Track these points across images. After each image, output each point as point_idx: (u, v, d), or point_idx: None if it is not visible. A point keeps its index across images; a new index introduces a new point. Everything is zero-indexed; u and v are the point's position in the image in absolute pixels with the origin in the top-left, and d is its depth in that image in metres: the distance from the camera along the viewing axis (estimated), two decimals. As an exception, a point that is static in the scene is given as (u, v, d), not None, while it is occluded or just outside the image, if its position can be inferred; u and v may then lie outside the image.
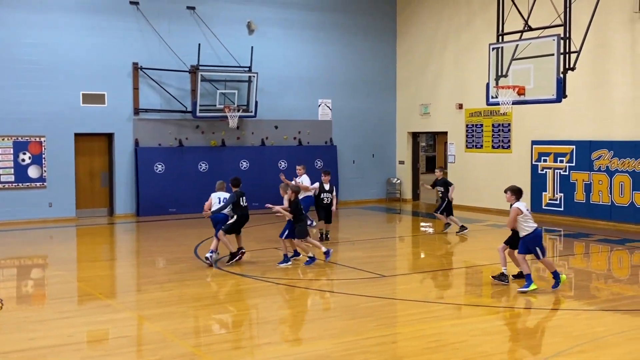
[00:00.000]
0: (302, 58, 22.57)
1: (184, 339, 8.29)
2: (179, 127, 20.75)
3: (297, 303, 10.25)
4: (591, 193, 17.90)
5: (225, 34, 21.02)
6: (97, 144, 20.14)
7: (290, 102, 22.36)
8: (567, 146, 18.45)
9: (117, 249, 16.17)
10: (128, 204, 20.16)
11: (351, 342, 8.10)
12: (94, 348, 8.27)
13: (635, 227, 16.89)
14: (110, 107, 19.74)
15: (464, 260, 13.84)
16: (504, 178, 20.39)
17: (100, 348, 8.24)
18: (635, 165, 16.87)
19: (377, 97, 23.97)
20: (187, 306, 9.87)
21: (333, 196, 15.22)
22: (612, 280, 11.74)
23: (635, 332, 8.46)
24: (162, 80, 20.33)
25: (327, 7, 22.94)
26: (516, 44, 15.70)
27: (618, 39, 17.33)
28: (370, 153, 23.97)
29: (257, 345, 8.22)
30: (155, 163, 20.24)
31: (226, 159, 21.16)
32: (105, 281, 12.06)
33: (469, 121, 21.59)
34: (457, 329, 8.73)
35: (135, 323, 9.28)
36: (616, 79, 17.45)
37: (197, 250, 14.19)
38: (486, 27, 19.97)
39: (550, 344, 8.02)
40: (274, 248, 14.52)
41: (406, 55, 23.94)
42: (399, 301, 10.31)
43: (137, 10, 19.97)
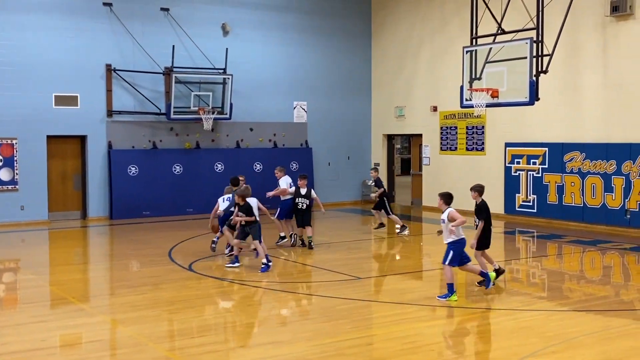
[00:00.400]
0: (277, 60, 22.55)
1: (158, 343, 8.23)
2: (153, 129, 20.62)
3: (273, 306, 10.22)
4: (563, 195, 18.09)
5: (199, 35, 20.93)
6: (70, 146, 19.95)
7: (266, 104, 22.33)
8: (540, 148, 18.63)
9: (91, 252, 16.02)
10: (101, 207, 19.98)
11: (327, 345, 8.10)
12: (67, 352, 8.18)
13: (606, 228, 17.09)
14: (83, 109, 19.56)
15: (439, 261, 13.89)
16: (478, 180, 20.44)
17: (73, 352, 8.15)
18: (606, 167, 17.07)
19: (353, 99, 24.02)
20: (161, 310, 9.80)
21: (315, 198, 14.93)
22: (585, 281, 11.87)
23: (607, 332, 8.55)
24: (135, 82, 20.19)
25: (302, 9, 22.95)
26: (490, 47, 15.83)
27: (590, 43, 17.54)
28: (346, 155, 24.01)
29: (232, 348, 8.18)
30: (129, 165, 20.09)
31: (201, 161, 21.07)
32: (78, 285, 11.94)
33: (444, 123, 21.72)
34: (433, 331, 8.76)
35: (108, 327, 9.19)
36: (588, 82, 17.65)
37: (171, 253, 14.11)
38: (460, 30, 20.11)
39: (524, 344, 8.08)
40: (249, 250, 14.47)
41: (381, 58, 24.03)
42: (375, 303, 10.32)
43: (110, 11, 19.82)
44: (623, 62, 16.86)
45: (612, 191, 16.97)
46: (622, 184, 16.76)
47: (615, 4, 16.67)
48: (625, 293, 10.91)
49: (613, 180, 16.94)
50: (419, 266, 13.68)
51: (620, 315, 9.37)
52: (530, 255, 14.86)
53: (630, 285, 11.47)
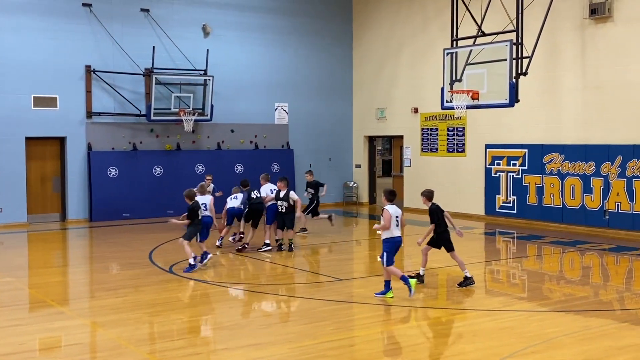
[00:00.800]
0: (258, 61, 22.51)
1: (139, 346, 8.18)
2: (133, 130, 20.50)
3: (254, 308, 10.19)
4: (543, 196, 18.21)
5: (180, 36, 20.85)
6: (49, 148, 19.78)
7: (247, 105, 22.28)
8: (520, 150, 18.75)
9: (70, 254, 15.90)
10: (81, 209, 19.83)
11: (308, 347, 8.09)
12: (47, 356, 8.11)
13: (586, 229, 17.23)
14: (62, 111, 19.41)
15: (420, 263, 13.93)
16: (458, 181, 20.69)
17: (52, 356, 8.09)
18: (585, 169, 17.22)
19: (334, 100, 24.04)
20: (141, 312, 9.75)
21: (296, 201, 14.72)
22: (564, 282, 11.95)
23: (586, 332, 8.62)
24: (115, 83, 20.07)
25: (284, 11, 22.93)
26: (470, 49, 15.92)
27: (569, 45, 17.68)
28: (327, 157, 24.02)
29: (213, 351, 8.15)
30: (109, 167, 19.96)
31: (181, 163, 20.98)
32: (57, 288, 11.85)
33: (425, 125, 21.79)
34: (414, 332, 8.79)
35: (88, 330, 9.12)
36: (567, 84, 17.80)
37: (151, 256, 14.03)
38: (441, 32, 20.18)
39: (505, 345, 8.12)
40: (230, 253, 14.44)
41: (362, 59, 24.07)
42: (356, 304, 10.32)
43: (90, 12, 19.68)
44: (601, 64, 17.02)
45: (591, 192, 17.12)
46: (600, 185, 16.91)
47: (594, 6, 16.83)
48: (604, 293, 11.00)
49: (592, 182, 17.08)
50: (400, 267, 13.69)
51: (599, 315, 9.44)
52: (510, 256, 14.95)
53: (609, 286, 11.57)
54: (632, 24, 16.37)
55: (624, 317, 9.49)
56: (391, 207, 10.21)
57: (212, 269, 13.00)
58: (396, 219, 10.19)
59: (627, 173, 16.37)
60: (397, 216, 10.23)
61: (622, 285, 11.59)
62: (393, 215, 10.14)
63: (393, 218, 10.13)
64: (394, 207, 10.26)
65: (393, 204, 10.30)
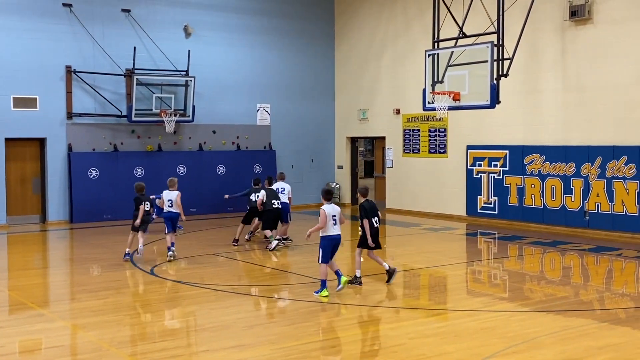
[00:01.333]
0: (240, 62, 22.47)
1: (120, 348, 8.13)
2: (114, 131, 20.39)
3: (236, 309, 10.16)
4: (524, 197, 18.32)
5: (161, 37, 20.78)
6: (29, 149, 19.63)
7: (229, 106, 22.23)
8: (501, 151, 18.86)
9: (50, 256, 15.77)
10: (61, 211, 19.69)
11: (291, 348, 8.08)
12: (27, 359, 8.04)
13: (566, 229, 17.36)
14: (43, 112, 19.26)
15: (402, 264, 13.97)
16: (440, 182, 20.77)
17: (33, 359, 8.02)
18: (565, 170, 17.35)
19: (316, 102, 24.05)
20: (123, 314, 9.69)
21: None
22: (545, 282, 12.03)
23: (567, 332, 8.68)
24: (96, 84, 19.95)
25: (265, 12, 22.91)
26: (451, 50, 15.98)
27: (549, 47, 17.81)
28: (309, 158, 24.02)
29: (195, 352, 8.12)
30: (90, 168, 19.84)
31: (163, 164, 20.88)
32: (37, 290, 11.75)
33: (406, 126, 21.85)
34: (396, 332, 8.80)
35: (69, 332, 9.06)
36: (547, 85, 17.92)
37: (132, 257, 13.95)
38: (422, 34, 20.26)
39: (486, 345, 8.16)
40: (212, 254, 14.40)
41: (344, 60, 24.10)
42: (338, 306, 10.33)
43: (70, 12, 19.55)
44: (581, 66, 17.16)
45: (571, 193, 17.25)
46: (581, 186, 17.05)
47: (574, 8, 16.96)
48: (585, 293, 11.09)
49: (572, 182, 17.22)
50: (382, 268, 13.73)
51: (579, 315, 9.52)
52: (491, 257, 15.02)
53: (589, 286, 11.66)
54: (611, 26, 16.52)
55: (604, 317, 9.57)
56: (327, 207, 10.45)
57: (194, 270, 12.96)
58: (333, 217, 10.40)
59: (606, 174, 16.52)
60: (334, 215, 10.44)
61: (602, 286, 11.69)
62: (329, 215, 10.34)
63: (329, 217, 10.33)
64: (330, 206, 10.51)
65: (330, 203, 10.56)
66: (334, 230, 10.41)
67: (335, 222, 10.42)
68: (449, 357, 7.76)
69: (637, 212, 15.81)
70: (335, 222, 10.44)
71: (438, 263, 13.61)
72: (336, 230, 10.44)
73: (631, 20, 16.17)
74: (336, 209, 10.51)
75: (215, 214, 20.99)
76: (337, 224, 10.46)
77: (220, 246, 15.45)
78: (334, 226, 10.40)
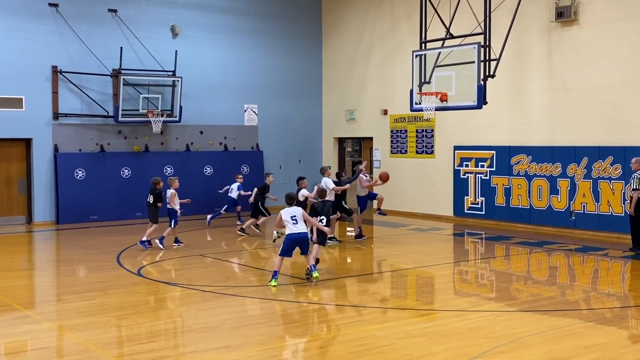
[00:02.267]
0: (227, 63, 22.43)
1: (107, 350, 8.10)
2: (101, 132, 20.30)
3: (223, 310, 10.14)
4: (511, 197, 18.40)
5: (148, 37, 20.70)
6: (15, 149, 19.50)
7: (216, 107, 22.19)
8: (488, 151, 18.92)
9: (36, 257, 15.68)
10: (47, 212, 19.58)
11: (278, 348, 8.08)
12: (12, 361, 7.99)
13: (552, 229, 17.44)
14: (28, 112, 19.15)
15: (389, 264, 14.00)
16: (428, 183, 20.82)
17: (18, 361, 7.97)
18: (552, 170, 17.43)
19: (303, 102, 24.05)
20: (109, 316, 9.65)
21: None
22: (532, 282, 12.08)
23: (553, 331, 8.72)
24: (82, 84, 19.85)
25: (253, 12, 22.89)
26: (439, 51, 16.02)
27: (536, 48, 17.89)
28: (297, 158, 24.01)
29: (183, 354, 8.10)
30: (76, 169, 19.74)
31: (150, 164, 20.81)
32: (23, 291, 11.67)
33: (394, 127, 21.89)
34: (383, 333, 8.81)
35: (55, 334, 9.01)
36: (534, 86, 18.00)
37: (119, 258, 13.90)
38: (410, 34, 20.31)
39: (473, 345, 8.19)
40: (199, 255, 14.37)
41: (332, 61, 24.11)
42: (326, 306, 10.34)
43: (56, 12, 19.45)
44: (567, 66, 17.25)
45: (557, 193, 17.34)
46: (567, 186, 17.14)
47: (560, 10, 17.04)
48: (571, 293, 11.14)
49: (558, 183, 17.30)
50: (370, 269, 13.76)
51: (566, 315, 9.56)
52: (478, 257, 15.07)
53: (575, 286, 11.72)
54: (597, 27, 16.62)
55: (590, 317, 9.62)
56: (284, 211, 11.46)
57: (182, 271, 12.93)
58: (292, 218, 11.35)
59: (592, 174, 16.61)
60: (293, 216, 11.38)
61: (588, 285, 11.75)
62: (285, 217, 11.36)
63: (286, 220, 11.35)
64: (290, 208, 11.53)
65: (293, 206, 11.62)
66: (296, 229, 11.30)
67: (296, 221, 11.33)
68: (436, 357, 7.78)
69: (622, 212, 15.91)
70: (297, 222, 11.34)
71: (425, 263, 13.64)
72: (298, 229, 11.32)
73: (617, 21, 16.28)
74: (296, 211, 11.47)
75: (202, 214, 20.93)
76: (298, 223, 11.34)
77: (208, 247, 15.41)
78: (294, 225, 11.31)
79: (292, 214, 11.39)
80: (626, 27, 16.13)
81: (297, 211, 11.48)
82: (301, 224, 11.38)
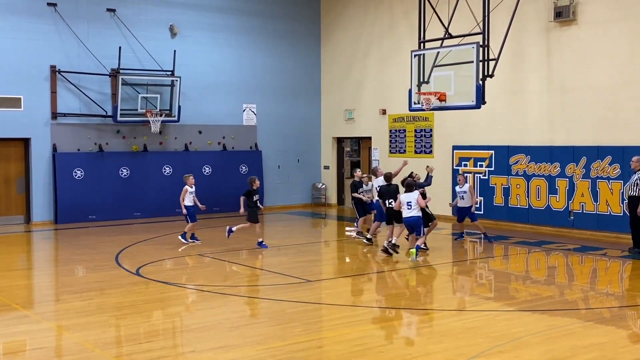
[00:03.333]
0: (226, 62, 22.43)
1: (105, 349, 8.09)
2: (99, 131, 20.29)
3: (222, 310, 10.14)
4: (509, 197, 18.40)
5: (146, 37, 20.69)
6: (13, 149, 19.49)
7: (215, 106, 22.18)
8: (486, 151, 18.93)
9: (35, 257, 15.67)
10: (46, 211, 19.57)
11: (276, 348, 8.07)
12: (10, 361, 7.98)
13: (551, 229, 17.45)
14: (27, 111, 19.14)
15: (387, 263, 14.00)
16: (426, 182, 20.76)
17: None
18: (550, 170, 17.44)
19: (302, 102, 24.04)
20: (108, 315, 9.64)
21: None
22: (530, 282, 12.08)
23: (552, 331, 8.72)
24: (81, 83, 19.84)
25: (251, 12, 22.88)
26: (437, 51, 16.03)
27: (534, 47, 17.89)
28: (296, 158, 24.01)
29: (181, 353, 8.09)
30: (74, 169, 19.73)
31: (148, 164, 20.81)
32: (22, 291, 11.67)
33: (393, 126, 21.89)
34: (382, 332, 8.81)
35: (54, 334, 9.00)
36: (532, 86, 18.01)
37: (118, 258, 13.90)
38: (408, 34, 20.30)
39: (472, 345, 8.19)
40: (197, 255, 14.36)
41: (330, 61, 24.11)
42: (325, 306, 10.34)
43: (55, 12, 19.43)
44: (566, 66, 17.25)
45: (556, 193, 17.34)
46: (565, 186, 17.14)
47: (559, 10, 17.05)
48: (570, 293, 11.15)
49: (557, 183, 17.31)
50: (368, 268, 13.76)
51: (564, 314, 9.56)
52: (477, 257, 15.07)
53: (574, 285, 11.73)
54: (595, 27, 16.63)
55: (589, 316, 9.62)
56: (403, 196, 13.46)
57: (180, 271, 12.93)
58: (408, 203, 13.27)
59: (591, 174, 16.62)
60: (409, 201, 13.27)
61: (586, 285, 11.76)
62: (402, 202, 13.26)
63: (403, 204, 13.30)
64: (405, 195, 13.45)
65: (411, 192, 13.42)
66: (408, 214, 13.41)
67: (410, 207, 13.33)
68: (435, 357, 7.78)
69: (621, 212, 15.92)
70: (411, 207, 13.32)
71: (424, 263, 13.64)
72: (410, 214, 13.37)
73: (615, 21, 16.28)
74: (413, 196, 13.28)
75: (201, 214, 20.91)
76: (412, 208, 13.31)
77: (206, 247, 15.41)
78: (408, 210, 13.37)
79: (408, 199, 13.24)
80: (625, 27, 16.13)
81: (412, 197, 13.23)
82: (415, 209, 13.14)
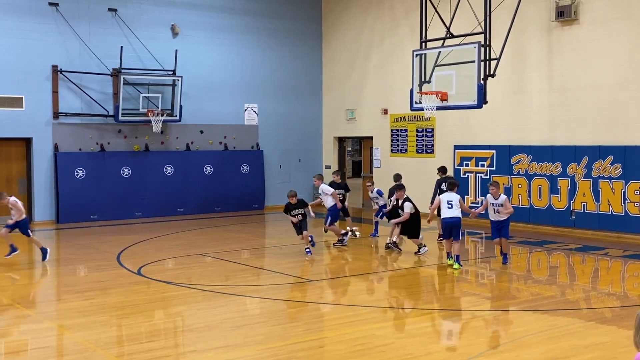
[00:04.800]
0: (227, 62, 22.43)
1: (107, 349, 8.10)
2: (101, 131, 20.30)
3: (223, 310, 10.15)
4: (511, 196, 18.37)
5: (148, 37, 20.70)
6: (15, 149, 19.51)
7: (216, 106, 22.18)
8: (488, 151, 18.92)
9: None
10: (47, 211, 19.59)
11: (278, 348, 8.08)
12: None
13: (552, 229, 17.44)
14: (29, 111, 19.15)
15: (389, 263, 14.00)
16: (427, 182, 20.75)
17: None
18: (552, 169, 17.43)
19: (304, 101, 24.04)
20: (109, 315, 9.65)
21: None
22: (531, 281, 12.08)
23: (553, 331, 8.72)
24: (82, 83, 19.85)
25: (253, 11, 22.88)
26: (439, 50, 16.01)
27: (536, 47, 17.89)
28: (297, 158, 24.01)
29: (182, 353, 8.10)
30: (76, 168, 19.74)
31: (150, 164, 20.82)
32: (23, 290, 11.68)
33: (394, 126, 21.89)
34: (383, 332, 8.82)
35: (55, 333, 9.01)
36: (534, 86, 18.00)
37: (119, 258, 13.90)
38: (410, 34, 20.30)
39: (473, 344, 8.19)
40: (199, 254, 14.37)
41: (332, 60, 24.11)
42: (326, 305, 10.34)
43: (56, 11, 19.45)
44: (567, 66, 17.24)
45: (557, 193, 17.33)
46: (567, 186, 17.13)
47: (560, 9, 17.04)
48: (571, 293, 11.15)
49: (558, 182, 17.30)
50: (370, 268, 13.76)
51: (565, 314, 9.56)
52: (478, 256, 15.07)
53: (575, 285, 11.73)
54: (597, 26, 16.61)
55: (590, 316, 9.62)
56: (443, 196, 13.27)
57: (181, 271, 12.94)
58: (448, 202, 12.92)
59: (593, 174, 16.60)
60: (450, 201, 12.94)
61: (588, 285, 11.75)
62: (442, 201, 12.97)
63: (443, 203, 12.98)
64: (446, 195, 13.20)
65: (452, 193, 13.18)
66: (449, 214, 12.95)
67: (451, 206, 12.88)
68: (436, 357, 7.78)
69: (622, 211, 15.91)
70: (452, 207, 12.90)
71: (425, 263, 13.64)
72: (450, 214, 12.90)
73: (617, 21, 16.27)
74: (454, 197, 12.97)
75: (202, 214, 20.96)
76: (452, 208, 12.88)
77: (208, 246, 15.42)
78: (449, 210, 12.93)
79: (449, 198, 12.88)
80: (626, 26, 16.12)
81: (454, 197, 12.88)
82: (456, 209, 12.68)
